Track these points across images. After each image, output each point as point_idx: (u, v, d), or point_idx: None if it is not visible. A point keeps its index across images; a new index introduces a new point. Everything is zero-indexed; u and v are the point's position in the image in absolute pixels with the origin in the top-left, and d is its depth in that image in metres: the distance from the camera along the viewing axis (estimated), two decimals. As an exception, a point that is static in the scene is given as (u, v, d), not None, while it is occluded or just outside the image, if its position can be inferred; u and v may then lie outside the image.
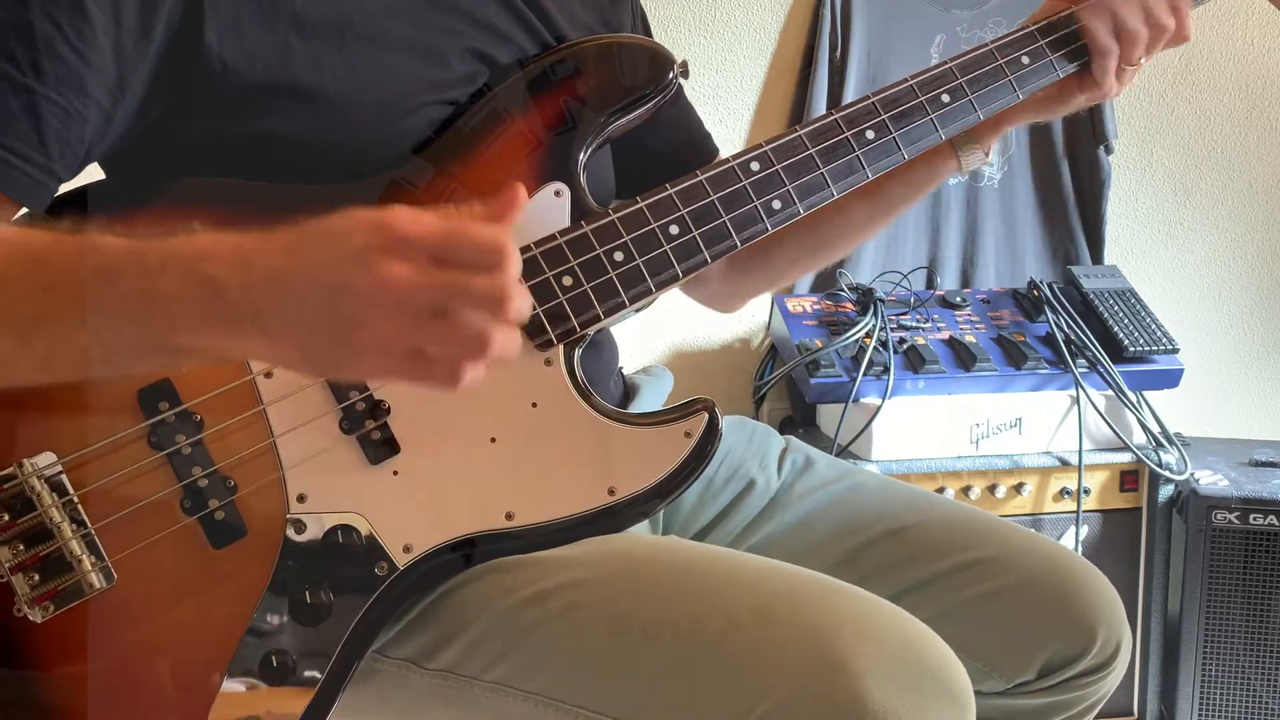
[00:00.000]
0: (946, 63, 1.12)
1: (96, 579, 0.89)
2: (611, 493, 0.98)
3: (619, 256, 1.00)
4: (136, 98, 0.93)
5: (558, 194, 1.01)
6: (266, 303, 0.78)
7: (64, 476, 0.89)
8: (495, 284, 0.76)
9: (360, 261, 0.76)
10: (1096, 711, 1.17)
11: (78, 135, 0.91)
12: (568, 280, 0.99)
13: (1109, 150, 2.43)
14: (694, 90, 2.34)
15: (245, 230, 0.81)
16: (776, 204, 1.05)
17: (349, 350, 0.78)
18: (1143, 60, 1.15)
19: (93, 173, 1.03)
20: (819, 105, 2.32)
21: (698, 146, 1.29)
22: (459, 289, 0.76)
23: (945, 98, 1.11)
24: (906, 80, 1.11)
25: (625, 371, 1.26)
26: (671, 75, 1.04)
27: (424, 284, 0.75)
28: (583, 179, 1.02)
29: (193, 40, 0.93)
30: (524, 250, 0.98)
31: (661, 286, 1.01)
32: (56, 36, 0.89)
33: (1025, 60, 1.14)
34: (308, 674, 0.92)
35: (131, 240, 0.83)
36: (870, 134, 1.08)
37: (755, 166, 1.05)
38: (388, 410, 0.95)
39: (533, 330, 0.98)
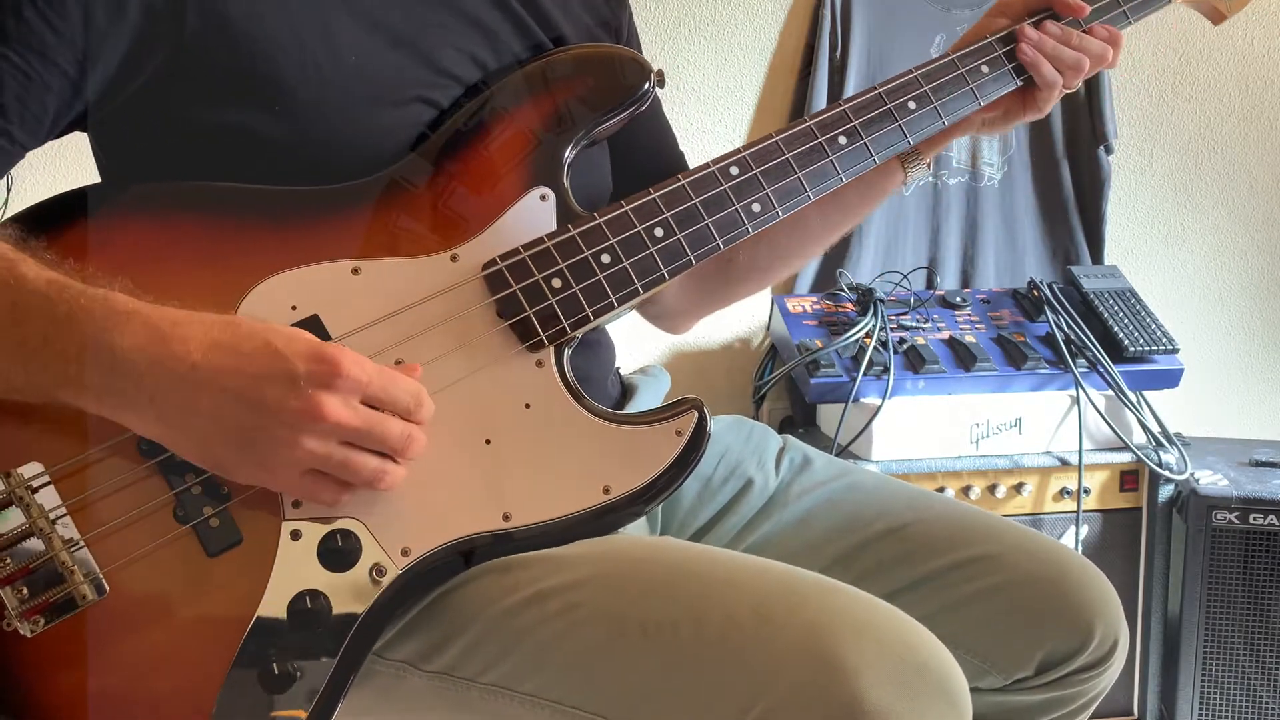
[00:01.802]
0: (911, 71, 1.16)
1: (88, 590, 0.88)
2: (606, 491, 0.98)
3: (606, 259, 1.01)
4: (107, 72, 0.94)
5: (543, 198, 1.02)
6: (171, 391, 0.83)
7: (52, 487, 0.88)
8: (410, 430, 0.88)
9: (293, 386, 0.83)
10: (1094, 708, 1.17)
11: (39, 101, 0.92)
12: (557, 282, 1.00)
13: (1109, 150, 2.43)
14: (694, 90, 2.35)
15: (169, 301, 0.86)
16: (756, 207, 1.07)
17: (250, 458, 0.86)
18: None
19: (90, 174, 1.03)
20: (819, 105, 2.32)
21: (671, 163, 1.30)
22: (376, 431, 0.86)
23: (911, 104, 1.14)
24: (875, 88, 1.14)
25: (623, 372, 1.26)
26: (647, 85, 1.06)
27: (348, 419, 0.84)
28: (567, 183, 1.03)
29: (174, 23, 0.94)
30: (512, 253, 0.99)
31: (649, 288, 1.03)
32: (24, 0, 0.90)
33: (985, 69, 1.17)
34: (309, 679, 0.91)
35: (53, 279, 0.85)
36: (843, 139, 1.11)
37: (734, 171, 1.07)
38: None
39: (523, 332, 0.99)
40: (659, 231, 1.03)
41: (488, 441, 0.98)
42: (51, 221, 0.92)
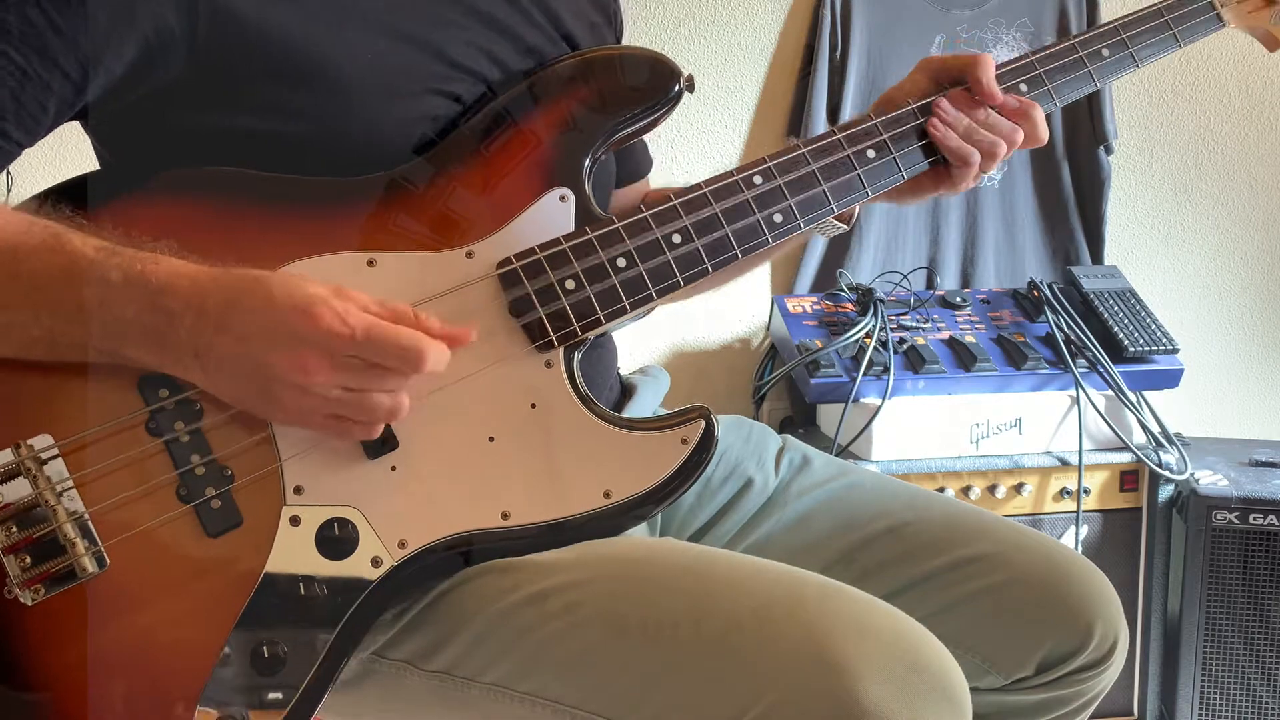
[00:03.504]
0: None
1: (89, 563, 0.89)
2: (607, 496, 0.98)
3: (622, 263, 1.01)
4: (111, 77, 0.94)
5: (562, 199, 1.02)
6: (207, 346, 0.87)
7: (61, 459, 0.90)
8: (397, 390, 0.89)
9: (281, 344, 0.86)
10: (1094, 708, 1.17)
11: (36, 99, 0.92)
12: (570, 284, 1.00)
13: (1109, 150, 2.43)
14: (694, 90, 2.35)
15: (206, 263, 0.89)
16: (778, 217, 1.06)
17: (271, 406, 0.89)
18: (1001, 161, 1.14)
19: (89, 162, 1.03)
20: (819, 105, 2.32)
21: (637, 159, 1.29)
22: (361, 386, 0.88)
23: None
24: (910, 104, 1.12)
25: (622, 372, 1.26)
26: (677, 88, 1.06)
27: (328, 376, 0.86)
28: (588, 186, 1.03)
29: (188, 35, 0.94)
30: (528, 253, 0.99)
31: (663, 294, 1.02)
32: (29, 0, 0.90)
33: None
34: (298, 666, 0.92)
35: (99, 246, 0.88)
36: (871, 153, 1.10)
37: (758, 180, 1.06)
38: None
39: (534, 332, 0.99)
40: (676, 238, 1.03)
41: (491, 439, 0.98)
42: (67, 204, 0.93)
